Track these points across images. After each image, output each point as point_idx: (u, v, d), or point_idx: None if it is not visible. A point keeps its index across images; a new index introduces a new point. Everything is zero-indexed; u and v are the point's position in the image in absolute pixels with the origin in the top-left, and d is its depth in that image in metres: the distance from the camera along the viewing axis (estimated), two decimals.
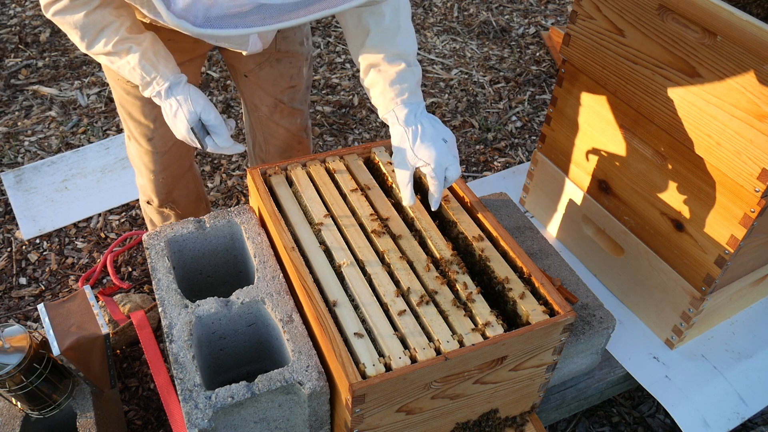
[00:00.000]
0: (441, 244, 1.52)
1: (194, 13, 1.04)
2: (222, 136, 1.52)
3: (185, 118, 1.48)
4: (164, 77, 1.46)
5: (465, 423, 1.51)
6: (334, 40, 3.66)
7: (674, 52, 1.61)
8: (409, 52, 1.48)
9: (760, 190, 1.52)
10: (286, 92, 1.90)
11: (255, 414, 1.35)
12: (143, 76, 1.45)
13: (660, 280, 1.89)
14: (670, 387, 1.87)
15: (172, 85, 1.48)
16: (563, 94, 2.02)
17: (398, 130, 1.49)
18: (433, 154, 1.46)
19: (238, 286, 1.53)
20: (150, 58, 1.44)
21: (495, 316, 1.38)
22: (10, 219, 2.60)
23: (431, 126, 1.49)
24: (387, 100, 1.49)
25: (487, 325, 1.36)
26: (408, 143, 1.47)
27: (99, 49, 1.43)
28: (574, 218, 2.15)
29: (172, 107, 1.49)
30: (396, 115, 1.49)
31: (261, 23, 1.05)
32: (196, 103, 1.49)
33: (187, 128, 1.49)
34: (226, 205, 2.72)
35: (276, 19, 1.05)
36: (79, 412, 1.65)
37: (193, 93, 1.50)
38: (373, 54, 1.47)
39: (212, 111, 1.50)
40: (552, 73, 3.49)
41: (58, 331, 1.56)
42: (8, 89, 3.22)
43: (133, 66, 1.44)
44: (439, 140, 1.47)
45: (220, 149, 1.54)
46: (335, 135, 3.08)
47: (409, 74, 1.47)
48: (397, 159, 1.51)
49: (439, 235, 1.55)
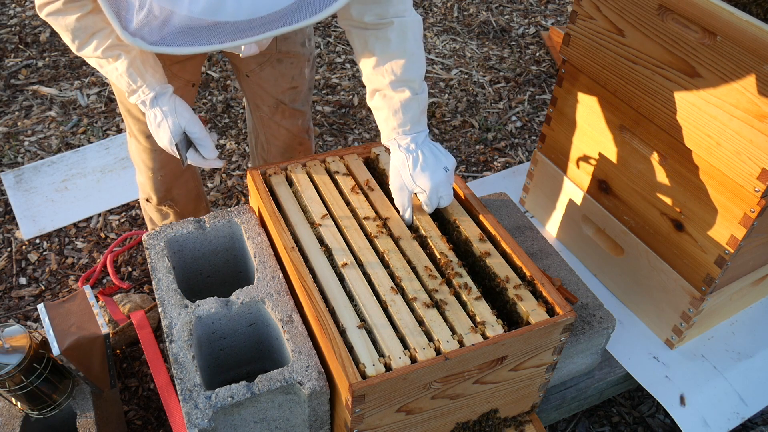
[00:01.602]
0: (441, 244, 1.52)
1: (149, 32, 1.05)
2: (207, 149, 1.53)
3: (169, 129, 1.48)
4: (150, 87, 1.46)
5: (465, 423, 1.51)
6: (334, 40, 3.66)
7: (674, 52, 1.61)
8: (415, 78, 1.47)
9: (760, 190, 1.52)
10: (287, 93, 1.90)
11: (255, 414, 1.35)
12: (129, 83, 1.45)
13: (660, 280, 1.89)
14: (670, 387, 1.87)
15: (157, 95, 1.48)
16: (563, 94, 2.02)
17: (399, 156, 1.52)
18: (430, 184, 1.50)
19: (238, 286, 1.53)
20: (137, 67, 1.44)
21: (495, 317, 1.38)
22: (10, 219, 2.60)
23: (432, 154, 1.51)
24: (389, 128, 1.51)
25: (487, 324, 1.36)
26: (408, 169, 1.50)
27: (89, 53, 1.43)
28: (574, 218, 2.15)
29: (156, 117, 1.49)
30: (398, 142, 1.51)
31: (217, 41, 1.06)
32: (181, 116, 1.49)
33: (169, 140, 1.49)
34: (226, 205, 2.72)
35: (231, 37, 1.06)
36: (79, 412, 1.65)
37: (179, 105, 1.50)
38: (379, 79, 1.47)
39: (197, 124, 1.51)
40: (552, 73, 3.49)
41: (58, 331, 1.56)
42: (8, 89, 3.22)
43: (121, 73, 1.44)
44: (440, 169, 1.51)
45: (202, 162, 1.55)
46: (335, 135, 3.08)
47: (413, 103, 1.48)
48: (395, 183, 1.54)
49: (439, 234, 1.55)
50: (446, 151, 1.54)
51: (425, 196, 1.53)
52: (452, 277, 1.45)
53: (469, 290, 1.42)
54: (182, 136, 1.50)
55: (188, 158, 1.54)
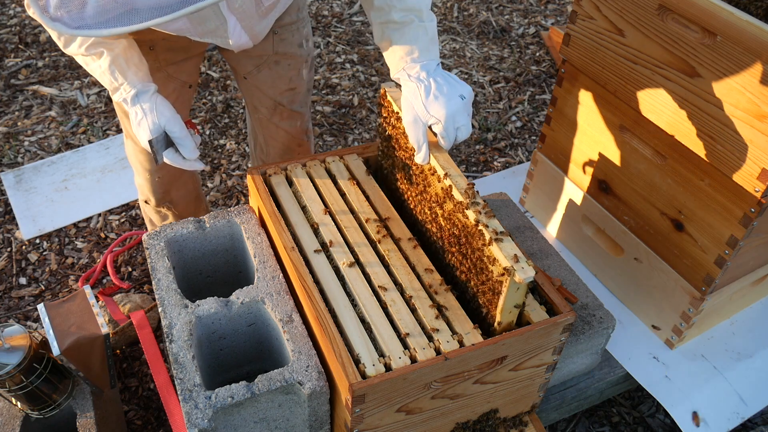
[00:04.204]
0: (461, 183, 1.44)
1: (68, 16, 1.05)
2: (188, 148, 1.50)
3: (148, 128, 1.45)
4: (132, 84, 1.45)
5: (465, 423, 1.51)
6: (334, 40, 3.66)
7: (674, 52, 1.61)
8: (421, 6, 1.43)
9: (760, 190, 1.52)
10: (285, 95, 1.89)
11: (255, 414, 1.35)
12: (112, 81, 1.44)
13: (660, 280, 1.89)
14: (670, 387, 1.87)
15: (138, 93, 1.46)
16: (563, 94, 2.02)
17: (410, 86, 1.43)
18: (445, 112, 1.39)
19: (238, 286, 1.53)
20: (120, 64, 1.43)
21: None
22: (10, 219, 2.60)
23: (445, 82, 1.42)
24: (397, 59, 1.44)
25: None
26: (420, 99, 1.41)
27: (74, 50, 1.42)
28: (574, 218, 2.15)
29: (137, 115, 1.47)
30: (407, 73, 1.44)
31: (137, 20, 1.05)
32: (161, 115, 1.46)
33: (147, 139, 1.46)
34: (226, 205, 2.72)
35: (150, 15, 1.04)
36: (79, 412, 1.65)
37: (159, 104, 1.47)
38: (384, 10, 1.43)
39: (178, 123, 1.47)
40: (552, 73, 3.49)
41: (58, 331, 1.56)
42: (8, 89, 3.22)
43: (104, 70, 1.43)
44: (455, 97, 1.40)
45: (183, 163, 1.52)
46: (335, 135, 3.08)
47: (420, 31, 1.43)
48: (408, 116, 1.44)
49: (459, 173, 1.46)
50: (462, 81, 1.45)
51: (441, 128, 1.41)
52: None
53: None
54: (161, 134, 1.47)
55: (167, 157, 1.50)
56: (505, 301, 1.30)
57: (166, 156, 1.51)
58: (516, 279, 1.24)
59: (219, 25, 1.47)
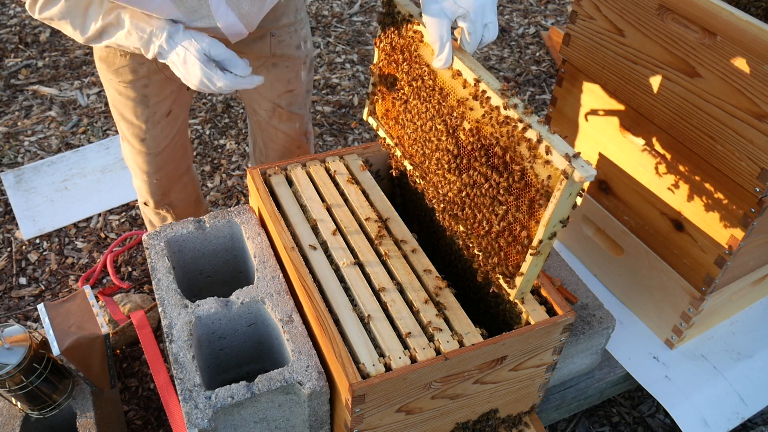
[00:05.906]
0: (496, 99, 1.31)
1: None
2: (238, 66, 1.42)
3: (195, 58, 1.39)
4: (160, 28, 1.39)
5: (465, 423, 1.51)
6: (334, 40, 3.66)
7: (674, 52, 1.61)
8: None
9: (760, 190, 1.52)
10: (283, 97, 1.89)
11: (255, 414, 1.35)
12: (140, 34, 1.39)
13: (660, 280, 1.89)
14: (670, 387, 1.87)
15: (171, 33, 1.39)
16: (563, 94, 2.02)
17: None
18: (473, 3, 1.25)
19: (238, 286, 1.53)
20: (140, 16, 1.39)
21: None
22: (10, 219, 2.60)
23: None
24: None
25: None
26: None
27: (93, 31, 1.39)
28: (574, 218, 2.15)
29: (179, 55, 1.40)
30: None
31: None
32: (201, 41, 1.39)
33: (201, 68, 1.39)
34: (226, 205, 2.72)
35: None
36: (79, 412, 1.65)
37: (195, 34, 1.41)
38: None
39: (220, 45, 1.41)
40: (552, 73, 3.49)
41: (58, 331, 1.56)
42: (8, 89, 3.22)
43: (128, 29, 1.39)
44: None
45: (241, 82, 1.45)
46: (335, 135, 3.08)
47: None
48: (431, 8, 1.29)
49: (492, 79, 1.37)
50: None
51: (468, 22, 1.28)
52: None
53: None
54: (210, 62, 1.41)
55: (223, 82, 1.43)
56: (555, 209, 1.14)
57: (223, 81, 1.43)
58: (576, 178, 1.10)
59: (201, 1, 1.40)
